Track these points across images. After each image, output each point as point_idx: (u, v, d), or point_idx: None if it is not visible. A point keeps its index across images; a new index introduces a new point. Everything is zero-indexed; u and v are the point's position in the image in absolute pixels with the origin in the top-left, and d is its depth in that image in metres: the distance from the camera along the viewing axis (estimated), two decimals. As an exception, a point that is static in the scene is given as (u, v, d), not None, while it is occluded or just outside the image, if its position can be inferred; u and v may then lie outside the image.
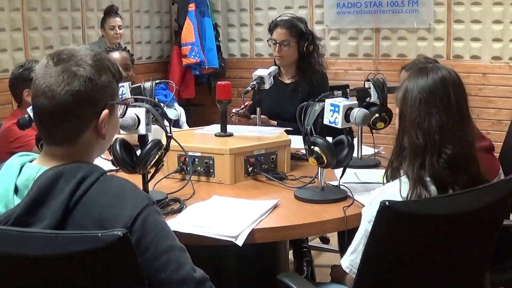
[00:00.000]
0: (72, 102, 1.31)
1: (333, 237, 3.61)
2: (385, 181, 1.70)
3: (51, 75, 1.31)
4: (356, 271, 1.60)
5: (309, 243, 3.22)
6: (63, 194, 1.26)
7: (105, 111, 1.37)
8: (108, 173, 1.37)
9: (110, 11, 4.85)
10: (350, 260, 1.65)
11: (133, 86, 2.54)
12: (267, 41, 3.31)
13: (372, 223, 1.51)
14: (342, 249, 1.74)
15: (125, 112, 1.62)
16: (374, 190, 1.67)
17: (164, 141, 1.94)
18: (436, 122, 1.57)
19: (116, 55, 3.22)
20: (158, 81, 2.52)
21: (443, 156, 1.56)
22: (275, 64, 3.24)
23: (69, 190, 1.26)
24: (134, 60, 3.40)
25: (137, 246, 1.25)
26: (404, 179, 1.60)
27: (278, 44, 3.18)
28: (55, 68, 1.32)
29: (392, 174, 1.66)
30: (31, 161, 1.37)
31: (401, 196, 1.56)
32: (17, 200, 1.30)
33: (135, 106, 1.97)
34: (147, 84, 2.45)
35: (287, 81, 3.30)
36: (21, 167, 1.34)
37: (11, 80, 2.82)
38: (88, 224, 1.26)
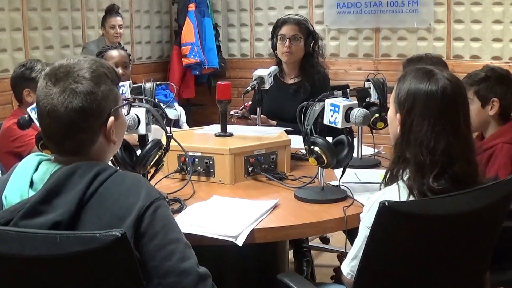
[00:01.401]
0: (78, 119, 1.34)
1: (333, 237, 3.61)
2: (383, 186, 1.68)
3: (52, 97, 1.34)
4: None
5: (309, 243, 3.22)
6: (78, 186, 1.30)
7: (111, 119, 1.40)
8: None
9: (111, 10, 4.85)
10: (351, 266, 1.63)
11: (133, 86, 2.54)
12: (272, 38, 3.26)
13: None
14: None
15: (129, 110, 1.64)
16: (372, 195, 1.65)
17: (164, 141, 1.95)
18: (444, 143, 1.54)
19: (114, 53, 3.22)
20: (159, 82, 2.52)
21: (449, 172, 1.54)
22: (276, 64, 3.23)
23: (85, 183, 1.30)
24: (131, 59, 3.41)
25: (144, 233, 1.30)
26: (401, 183, 1.59)
27: (288, 39, 3.16)
28: (55, 88, 1.34)
29: (390, 180, 1.64)
30: (48, 160, 1.41)
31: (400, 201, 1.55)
32: (31, 193, 1.33)
33: (135, 106, 1.97)
34: (148, 85, 2.44)
35: (290, 81, 3.29)
36: (38, 164, 1.39)
37: (12, 79, 2.82)
38: (104, 213, 1.29)
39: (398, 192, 1.57)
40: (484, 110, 2.34)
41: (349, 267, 1.65)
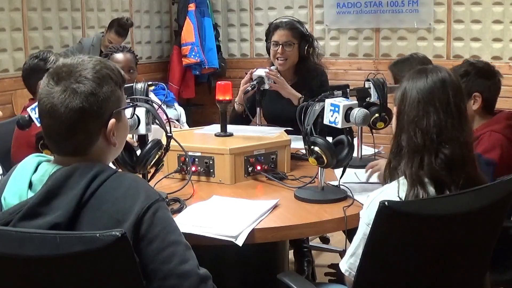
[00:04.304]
0: (77, 119, 1.33)
1: (333, 237, 3.61)
2: (382, 181, 1.70)
3: (53, 96, 1.33)
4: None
5: (309, 243, 3.22)
6: (77, 187, 1.29)
7: (112, 121, 1.39)
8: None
9: (121, 27, 4.71)
10: (350, 264, 1.64)
11: (125, 86, 2.50)
12: (266, 41, 3.20)
13: (370, 226, 1.51)
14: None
15: (134, 113, 1.62)
16: (371, 192, 1.66)
17: (164, 141, 1.95)
18: (434, 121, 1.57)
19: (120, 57, 3.14)
20: (150, 82, 2.49)
21: (441, 156, 1.56)
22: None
23: (83, 184, 1.29)
24: (138, 61, 3.34)
25: (143, 236, 1.29)
26: (402, 180, 1.60)
27: (281, 46, 3.08)
28: (57, 87, 1.33)
29: (390, 175, 1.66)
30: (47, 161, 1.40)
31: (399, 197, 1.55)
32: (30, 194, 1.33)
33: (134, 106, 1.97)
34: (139, 85, 2.42)
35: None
36: (37, 166, 1.38)
37: (26, 71, 2.73)
38: (102, 216, 1.28)
39: (397, 189, 1.58)
40: (467, 105, 2.35)
41: (347, 264, 1.65)
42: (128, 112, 1.58)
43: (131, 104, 1.60)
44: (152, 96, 3.15)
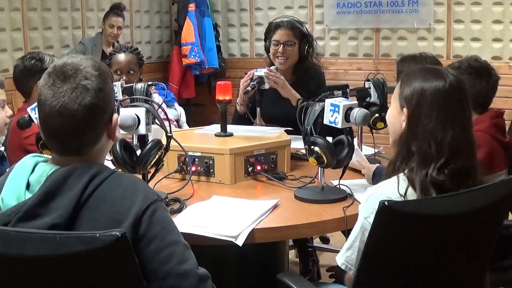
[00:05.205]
0: (89, 116, 1.34)
1: (333, 237, 3.61)
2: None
3: (63, 94, 1.32)
4: (351, 268, 1.61)
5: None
6: (75, 188, 1.29)
7: (115, 116, 1.42)
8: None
9: (116, 9, 4.83)
10: (346, 257, 1.64)
11: (125, 86, 2.50)
12: (265, 41, 3.19)
13: (368, 220, 1.51)
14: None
15: (118, 109, 1.64)
16: (370, 187, 1.66)
17: (164, 141, 1.95)
18: (451, 136, 1.56)
19: (121, 57, 3.11)
20: (150, 82, 2.49)
21: (451, 166, 1.55)
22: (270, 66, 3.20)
23: (81, 185, 1.29)
24: (143, 62, 3.27)
25: (142, 237, 1.29)
26: (402, 176, 1.59)
27: (282, 45, 3.07)
28: (65, 85, 1.33)
29: (392, 173, 1.65)
30: (44, 161, 1.40)
31: (399, 193, 1.55)
32: (28, 195, 1.33)
33: (136, 106, 1.98)
34: (139, 85, 2.41)
35: None
36: (35, 166, 1.38)
37: (21, 72, 2.67)
38: (101, 216, 1.29)
39: (396, 185, 1.57)
40: None
41: (343, 258, 1.65)
42: None
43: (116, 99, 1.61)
44: (155, 96, 3.14)
